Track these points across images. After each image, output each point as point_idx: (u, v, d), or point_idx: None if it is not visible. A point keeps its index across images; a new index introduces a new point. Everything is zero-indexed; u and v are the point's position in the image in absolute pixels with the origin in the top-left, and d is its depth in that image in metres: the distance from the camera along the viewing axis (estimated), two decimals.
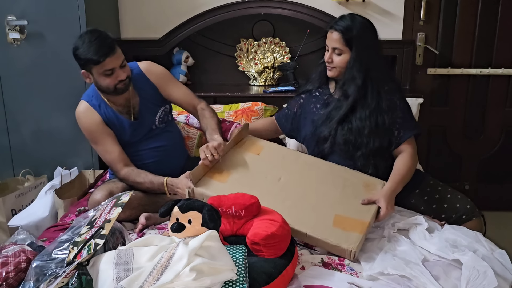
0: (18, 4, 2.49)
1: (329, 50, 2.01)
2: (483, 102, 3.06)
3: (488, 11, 2.90)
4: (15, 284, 1.43)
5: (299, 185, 1.89)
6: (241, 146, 2.05)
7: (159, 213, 1.48)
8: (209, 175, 1.86)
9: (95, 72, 1.95)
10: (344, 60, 1.98)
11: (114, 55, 1.94)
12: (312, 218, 1.72)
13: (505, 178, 3.17)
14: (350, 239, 1.64)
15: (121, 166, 2.03)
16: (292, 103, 2.25)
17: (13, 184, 2.63)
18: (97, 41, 1.91)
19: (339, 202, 1.81)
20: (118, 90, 2.00)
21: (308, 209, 1.77)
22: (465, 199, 1.97)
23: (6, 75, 2.59)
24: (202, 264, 1.26)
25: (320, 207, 1.78)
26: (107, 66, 1.93)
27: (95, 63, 1.91)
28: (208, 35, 3.03)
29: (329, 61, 2.02)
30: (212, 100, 2.84)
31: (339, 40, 1.96)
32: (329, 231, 1.67)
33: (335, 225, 1.70)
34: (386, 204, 1.78)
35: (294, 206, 1.77)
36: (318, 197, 1.84)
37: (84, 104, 2.08)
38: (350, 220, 1.73)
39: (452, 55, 2.98)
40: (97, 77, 1.97)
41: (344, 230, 1.68)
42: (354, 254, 1.61)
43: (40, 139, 2.65)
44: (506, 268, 1.54)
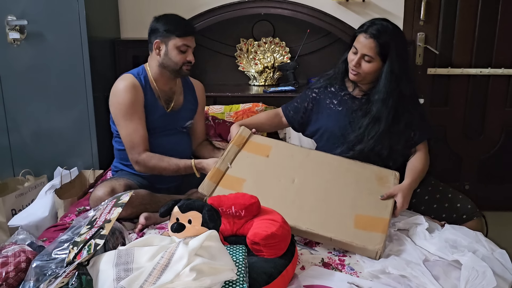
0: (18, 4, 2.49)
1: (357, 54, 1.94)
2: (483, 102, 3.06)
3: (488, 11, 2.90)
4: (15, 284, 1.43)
5: (314, 184, 1.89)
6: (248, 149, 2.02)
7: (159, 213, 1.48)
8: (223, 185, 1.84)
9: (172, 44, 2.06)
10: (373, 68, 1.94)
11: (194, 38, 2.12)
12: (333, 221, 1.73)
13: (505, 178, 3.16)
14: (374, 239, 1.66)
15: (143, 149, 2.06)
16: (303, 97, 2.18)
17: (13, 184, 2.63)
18: (184, 20, 2.14)
19: (356, 200, 1.82)
20: (182, 71, 2.11)
21: (328, 212, 1.77)
22: (466, 199, 1.97)
23: (6, 75, 2.59)
24: (202, 264, 1.25)
25: (338, 208, 1.79)
26: (187, 42, 2.07)
27: (180, 35, 2.05)
28: (208, 35, 3.03)
29: (356, 66, 1.95)
30: (212, 100, 2.84)
31: (373, 48, 1.90)
32: (352, 233, 1.69)
33: (356, 226, 1.71)
34: (403, 199, 1.82)
35: (313, 210, 1.77)
36: (335, 197, 1.84)
37: (131, 79, 2.09)
38: (371, 219, 1.74)
39: (452, 55, 2.98)
40: (171, 50, 2.07)
41: (367, 231, 1.69)
42: (380, 254, 1.63)
43: (40, 139, 2.65)
44: (506, 268, 1.54)
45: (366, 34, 1.92)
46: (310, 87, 2.18)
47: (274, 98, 2.82)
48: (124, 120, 2.07)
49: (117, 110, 2.08)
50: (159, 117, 2.14)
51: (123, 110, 2.06)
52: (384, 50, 1.91)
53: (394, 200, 1.82)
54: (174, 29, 2.05)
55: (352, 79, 2.01)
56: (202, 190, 1.82)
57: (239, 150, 1.99)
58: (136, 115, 2.06)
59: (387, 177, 1.92)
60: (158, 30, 2.07)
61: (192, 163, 2.03)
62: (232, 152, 1.97)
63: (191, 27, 2.14)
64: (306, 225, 1.70)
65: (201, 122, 2.38)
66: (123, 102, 2.05)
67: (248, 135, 2.07)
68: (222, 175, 1.88)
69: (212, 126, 2.59)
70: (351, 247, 1.67)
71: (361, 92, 2.05)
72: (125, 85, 2.06)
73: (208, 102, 2.80)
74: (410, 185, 1.89)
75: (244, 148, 2.02)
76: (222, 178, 1.87)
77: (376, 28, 1.91)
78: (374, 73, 1.96)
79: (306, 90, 2.20)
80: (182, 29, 2.06)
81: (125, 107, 2.05)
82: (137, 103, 2.07)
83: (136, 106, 2.07)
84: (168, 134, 2.18)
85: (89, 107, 2.58)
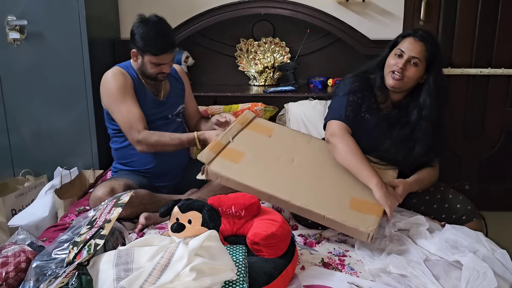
0: (18, 4, 2.49)
1: (402, 57, 1.89)
2: (483, 102, 3.06)
3: (488, 11, 2.90)
4: (15, 284, 1.43)
5: (313, 167, 1.89)
6: (251, 128, 2.04)
7: (159, 213, 1.48)
8: (222, 156, 1.85)
9: (147, 59, 2.06)
10: (417, 74, 1.90)
11: (171, 54, 2.09)
12: (328, 200, 1.73)
13: (505, 178, 3.16)
14: (367, 222, 1.65)
15: (142, 127, 2.06)
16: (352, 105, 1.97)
17: (13, 184, 2.63)
18: (162, 36, 2.05)
19: (353, 184, 1.82)
20: (157, 79, 2.13)
21: (323, 191, 1.77)
22: (466, 200, 1.97)
23: (6, 75, 2.59)
24: (202, 264, 1.25)
25: (335, 189, 1.79)
26: (161, 60, 2.06)
27: (155, 53, 2.03)
28: (208, 35, 3.03)
29: (402, 69, 1.88)
30: (212, 100, 2.84)
31: (422, 51, 1.87)
32: (347, 213, 1.68)
33: (351, 207, 1.71)
34: (403, 191, 1.84)
35: (310, 188, 1.77)
36: (333, 179, 1.84)
37: (118, 68, 2.13)
38: (366, 203, 1.74)
39: (452, 55, 2.98)
40: (146, 63, 2.08)
41: (361, 213, 1.69)
42: (372, 236, 1.63)
43: (40, 139, 2.65)
44: (507, 269, 1.54)
45: (415, 38, 1.89)
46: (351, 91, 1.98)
47: (274, 98, 2.82)
48: (117, 104, 2.08)
49: (108, 96, 2.09)
50: (150, 104, 2.15)
51: (114, 95, 2.07)
52: (431, 58, 1.88)
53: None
54: (149, 47, 2.03)
55: (392, 85, 1.92)
56: (201, 158, 1.82)
57: (242, 128, 2.02)
58: (128, 97, 2.08)
59: (387, 171, 1.93)
60: (135, 41, 2.06)
61: (194, 134, 2.06)
62: (235, 129, 1.99)
63: (167, 45, 2.05)
64: (300, 201, 1.70)
65: (192, 102, 2.42)
66: (113, 87, 2.07)
67: (252, 117, 2.11)
68: (223, 147, 1.89)
69: None
70: (344, 227, 1.67)
71: (390, 105, 2.00)
72: (113, 73, 2.10)
73: (208, 102, 2.80)
74: (412, 184, 1.90)
75: (247, 127, 2.04)
76: (223, 150, 1.88)
77: (425, 35, 1.89)
78: (415, 81, 1.92)
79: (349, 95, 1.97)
80: (157, 48, 2.03)
81: (115, 91, 2.07)
82: (127, 86, 2.09)
83: (127, 89, 2.09)
84: (162, 125, 2.18)
85: (89, 107, 2.58)
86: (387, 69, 1.95)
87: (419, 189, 1.96)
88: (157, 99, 2.19)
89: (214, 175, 1.78)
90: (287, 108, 2.76)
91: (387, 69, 1.95)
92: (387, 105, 2.01)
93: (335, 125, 1.94)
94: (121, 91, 2.07)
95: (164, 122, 2.20)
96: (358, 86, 2.00)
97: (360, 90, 1.99)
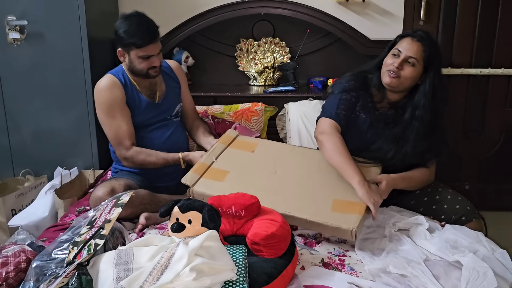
0: (18, 4, 2.49)
1: (399, 56, 1.90)
2: (483, 102, 3.06)
3: (488, 11, 2.90)
4: (15, 284, 1.43)
5: (295, 175, 1.92)
6: (234, 146, 2.08)
7: (159, 213, 1.48)
8: (206, 176, 1.89)
9: (134, 54, 2.04)
10: (414, 74, 1.89)
11: (156, 43, 2.05)
12: (311, 205, 1.75)
13: (505, 178, 3.16)
14: (349, 220, 1.67)
15: (129, 144, 2.09)
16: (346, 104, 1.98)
17: (13, 184, 2.63)
18: (144, 26, 2.02)
19: (336, 187, 1.84)
20: (149, 75, 2.10)
21: (306, 197, 1.80)
22: (465, 201, 1.96)
23: (6, 75, 2.59)
24: (202, 264, 1.25)
25: (318, 194, 1.81)
26: (147, 52, 2.02)
27: (138, 46, 2.01)
28: (208, 35, 3.03)
29: (398, 68, 1.88)
30: (212, 100, 2.84)
31: (419, 51, 1.87)
32: (329, 215, 1.70)
33: (334, 209, 1.73)
34: (386, 187, 1.83)
35: (292, 196, 1.79)
36: (315, 185, 1.87)
37: (110, 77, 2.12)
38: (348, 203, 1.76)
39: (452, 55, 2.98)
40: (134, 59, 2.05)
41: (343, 213, 1.71)
42: (355, 234, 1.63)
43: (40, 139, 2.65)
44: (507, 269, 1.54)
45: (413, 38, 1.90)
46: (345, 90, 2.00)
47: (274, 98, 2.82)
48: (107, 118, 2.10)
49: (99, 109, 2.12)
50: (146, 109, 2.15)
51: (105, 109, 2.09)
52: (429, 59, 1.88)
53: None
54: (133, 40, 2.01)
55: (388, 83, 1.92)
56: (185, 181, 1.86)
57: (225, 148, 2.06)
58: (118, 112, 2.08)
59: (370, 168, 1.93)
60: (119, 38, 2.04)
61: (179, 156, 2.07)
62: (219, 149, 2.04)
63: (150, 34, 2.03)
64: (282, 208, 1.70)
65: (188, 100, 2.38)
66: (104, 100, 2.08)
67: (235, 135, 2.15)
68: (207, 168, 1.93)
69: (212, 125, 2.59)
70: (327, 228, 1.68)
71: (387, 105, 2.01)
72: (104, 84, 2.10)
73: (208, 102, 2.80)
74: (397, 179, 1.88)
75: (231, 145, 2.08)
76: (207, 170, 1.92)
77: (423, 36, 1.89)
78: (412, 81, 1.92)
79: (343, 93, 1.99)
80: (141, 39, 2.00)
81: (106, 106, 2.08)
82: (118, 100, 2.09)
83: (117, 103, 2.09)
84: (161, 127, 2.19)
85: (89, 107, 2.58)
86: (384, 68, 1.95)
87: (406, 187, 1.94)
88: (153, 102, 2.17)
89: (200, 195, 1.80)
90: (287, 108, 2.76)
91: (384, 68, 1.95)
92: (383, 105, 2.01)
93: (325, 123, 1.96)
94: (111, 106, 2.08)
95: (161, 124, 2.20)
96: (353, 84, 2.01)
97: (355, 88, 2.00)
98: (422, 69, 1.90)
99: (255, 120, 2.69)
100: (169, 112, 2.23)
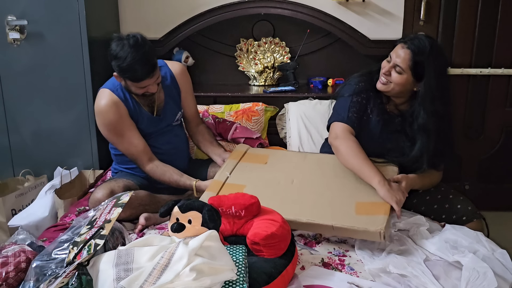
0: (18, 4, 2.49)
1: (390, 63, 1.90)
2: (483, 102, 3.06)
3: (488, 11, 2.90)
4: (15, 284, 1.43)
5: (313, 183, 1.90)
6: (246, 160, 2.07)
7: (159, 213, 1.48)
8: (223, 192, 1.85)
9: (129, 83, 1.97)
10: (402, 81, 1.88)
11: (153, 77, 1.96)
12: (334, 210, 1.73)
13: (505, 178, 3.16)
14: (376, 221, 1.65)
15: (146, 160, 2.07)
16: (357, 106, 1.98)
17: (13, 184, 2.63)
18: (139, 63, 1.88)
19: (356, 190, 1.82)
20: (145, 96, 2.03)
21: (328, 204, 1.78)
22: (467, 201, 1.97)
23: (6, 75, 2.58)
24: (202, 264, 1.26)
25: (339, 199, 1.79)
26: (142, 84, 1.96)
27: (135, 81, 1.94)
28: (208, 35, 3.03)
29: (386, 74, 1.91)
30: (212, 100, 2.84)
31: (406, 60, 1.85)
32: (354, 218, 1.68)
33: (358, 212, 1.71)
34: (406, 186, 1.83)
35: (313, 203, 1.78)
36: (334, 190, 1.85)
37: (109, 95, 2.03)
38: (372, 204, 1.74)
39: (452, 55, 2.98)
40: (130, 86, 1.99)
41: (369, 215, 1.69)
42: (384, 235, 1.62)
43: (40, 139, 2.65)
44: (507, 269, 1.54)
45: (404, 45, 1.88)
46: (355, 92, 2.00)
47: (274, 98, 2.82)
48: (116, 138, 2.07)
49: (106, 130, 2.07)
50: (148, 122, 2.13)
51: (112, 130, 2.05)
52: (418, 69, 1.85)
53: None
54: (127, 75, 1.93)
55: (379, 88, 1.95)
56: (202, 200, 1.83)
57: (237, 163, 2.04)
58: (127, 129, 2.05)
59: (387, 167, 1.93)
60: (114, 66, 1.94)
61: (193, 184, 2.02)
62: (231, 165, 2.02)
63: (144, 72, 1.91)
64: (306, 217, 1.70)
65: (190, 104, 2.30)
66: (109, 122, 2.04)
67: (246, 149, 2.15)
68: (222, 184, 1.90)
69: (212, 125, 2.59)
70: (354, 232, 1.66)
71: (395, 109, 2.00)
72: (106, 105, 2.03)
73: (208, 102, 2.80)
74: (415, 179, 1.89)
75: (242, 160, 2.07)
76: (222, 187, 1.89)
77: (416, 43, 1.85)
78: (403, 87, 1.91)
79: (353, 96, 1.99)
80: (136, 76, 1.92)
81: (112, 127, 2.04)
82: (122, 119, 2.04)
83: (123, 121, 2.04)
84: (161, 134, 2.18)
85: (89, 107, 2.58)
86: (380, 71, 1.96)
87: (421, 187, 1.96)
88: (154, 116, 2.13)
89: None
90: (287, 108, 2.76)
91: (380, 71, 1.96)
92: (391, 108, 2.02)
93: (338, 127, 1.95)
94: (117, 125, 2.03)
95: (161, 132, 2.19)
96: (363, 86, 2.00)
97: (364, 90, 2.00)
98: (412, 77, 1.88)
99: (255, 120, 2.69)
100: (170, 120, 2.21)
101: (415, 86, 1.91)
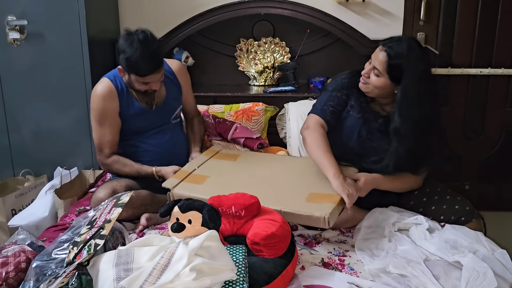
0: (18, 4, 2.49)
1: (370, 64, 1.90)
2: (483, 102, 3.06)
3: (488, 11, 2.90)
4: (15, 284, 1.43)
5: (275, 177, 1.96)
6: (217, 157, 2.15)
7: (159, 213, 1.48)
8: (186, 181, 1.93)
9: (134, 78, 2.01)
10: (379, 83, 1.88)
11: (158, 73, 2.02)
12: (285, 198, 1.77)
13: (505, 178, 3.16)
14: (322, 208, 1.67)
15: (109, 153, 2.13)
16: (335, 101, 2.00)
17: (13, 184, 2.63)
18: (147, 59, 1.94)
19: (313, 183, 1.87)
20: (146, 93, 2.09)
21: (282, 192, 1.83)
22: (464, 201, 1.95)
23: (6, 75, 2.59)
24: (202, 264, 1.26)
25: (295, 189, 1.84)
26: (147, 80, 2.01)
27: (140, 75, 1.98)
28: (208, 35, 3.03)
29: (365, 76, 1.91)
30: (212, 100, 2.84)
31: (383, 63, 1.84)
32: (303, 205, 1.72)
33: (308, 200, 1.75)
34: (364, 184, 1.81)
35: (269, 192, 1.81)
36: (294, 182, 1.91)
37: (107, 83, 2.10)
38: (324, 195, 1.77)
39: (452, 55, 2.98)
40: (133, 81, 2.03)
41: (317, 203, 1.72)
42: (328, 221, 1.63)
43: (40, 139, 2.65)
44: (507, 268, 1.54)
45: (383, 48, 1.86)
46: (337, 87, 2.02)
47: (274, 98, 2.82)
48: (96, 124, 2.14)
49: (92, 114, 2.15)
50: (141, 116, 2.15)
51: (96, 115, 2.12)
52: (395, 72, 1.83)
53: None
54: (134, 69, 1.97)
55: (360, 88, 1.95)
56: (166, 185, 1.91)
57: (208, 159, 2.12)
58: (106, 122, 2.11)
59: (347, 169, 1.94)
60: (120, 60, 1.99)
61: (153, 170, 2.08)
62: (201, 160, 2.10)
63: (153, 67, 1.97)
64: None
65: (189, 100, 2.38)
66: (97, 108, 2.11)
67: (219, 149, 2.24)
68: (188, 174, 1.98)
69: (212, 125, 2.59)
70: (300, 217, 1.69)
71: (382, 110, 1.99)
72: (100, 92, 2.10)
73: (208, 102, 2.80)
74: (378, 179, 1.87)
75: (213, 157, 2.15)
76: (187, 176, 1.96)
77: (394, 47, 1.83)
78: (382, 90, 1.90)
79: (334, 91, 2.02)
80: (143, 71, 1.97)
81: (97, 113, 2.11)
82: (109, 111, 2.10)
83: (109, 113, 2.11)
84: (159, 132, 2.20)
85: (89, 107, 2.56)
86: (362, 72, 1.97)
87: (390, 188, 1.92)
88: (148, 108, 2.15)
89: (179, 196, 1.82)
90: (287, 108, 2.76)
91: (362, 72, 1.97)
92: (376, 106, 2.01)
93: (310, 118, 2.00)
94: (102, 114, 2.10)
95: (159, 129, 2.20)
96: (347, 83, 2.02)
97: (347, 87, 2.02)
98: (389, 80, 1.87)
99: (255, 120, 2.69)
100: (168, 116, 2.23)
101: (395, 89, 1.89)
